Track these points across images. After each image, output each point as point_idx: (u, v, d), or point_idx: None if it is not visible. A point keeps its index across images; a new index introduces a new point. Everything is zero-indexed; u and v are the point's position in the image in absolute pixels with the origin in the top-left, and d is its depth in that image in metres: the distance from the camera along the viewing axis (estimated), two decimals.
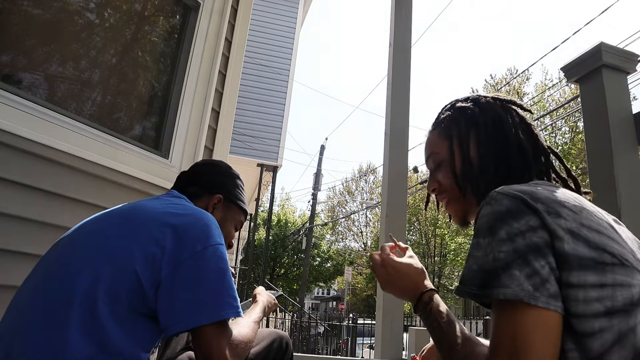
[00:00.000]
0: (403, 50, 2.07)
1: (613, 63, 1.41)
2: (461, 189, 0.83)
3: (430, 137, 0.92)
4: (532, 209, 0.62)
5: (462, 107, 0.88)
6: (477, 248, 0.64)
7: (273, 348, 1.10)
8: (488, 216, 0.64)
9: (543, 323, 0.57)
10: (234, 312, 0.81)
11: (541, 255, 0.59)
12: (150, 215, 0.87)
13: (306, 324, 10.81)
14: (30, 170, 1.56)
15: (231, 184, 1.17)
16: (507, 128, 0.81)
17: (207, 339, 0.78)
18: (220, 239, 0.89)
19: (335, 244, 28.32)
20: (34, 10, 1.80)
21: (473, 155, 0.82)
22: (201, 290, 0.80)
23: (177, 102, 2.28)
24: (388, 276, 0.86)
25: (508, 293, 0.58)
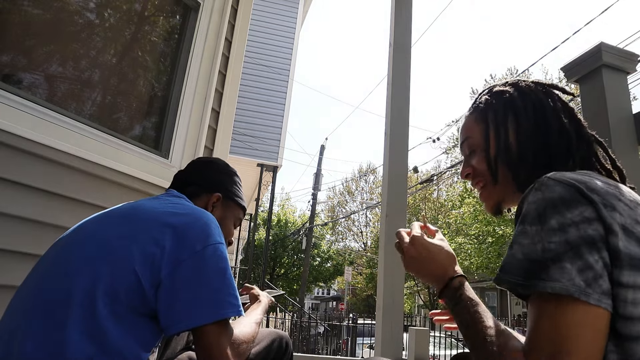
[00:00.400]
0: (403, 50, 2.07)
1: (613, 63, 1.41)
2: (495, 175, 0.80)
3: (465, 122, 0.89)
4: (588, 199, 0.58)
5: (500, 91, 0.84)
6: (523, 235, 0.60)
7: (273, 348, 1.10)
8: (537, 203, 0.60)
9: (592, 321, 0.53)
10: (235, 311, 0.80)
11: (595, 249, 0.55)
12: (150, 215, 0.87)
13: (306, 324, 10.81)
14: (30, 170, 1.56)
15: (229, 181, 1.17)
16: (548, 113, 0.77)
17: (208, 338, 0.78)
18: (220, 237, 0.88)
19: (335, 244, 28.33)
20: (34, 10, 1.80)
21: (511, 141, 0.79)
22: (201, 289, 0.79)
23: (177, 102, 2.28)
24: (418, 255, 0.80)
25: (557, 287, 0.54)
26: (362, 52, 76.02)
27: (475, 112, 0.86)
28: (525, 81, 0.84)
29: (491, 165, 0.80)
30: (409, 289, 21.24)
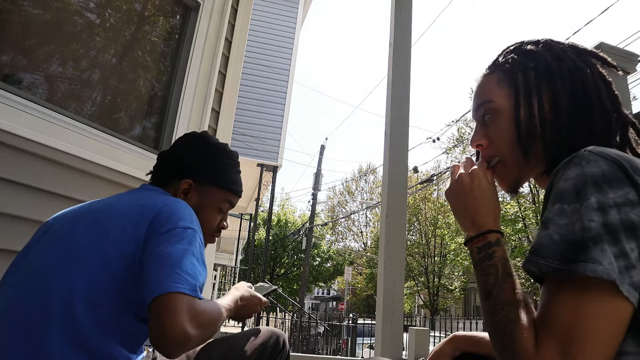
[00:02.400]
0: (403, 50, 2.07)
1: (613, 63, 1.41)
2: (526, 150, 0.69)
3: (484, 82, 0.76)
4: (632, 180, 0.52)
5: (532, 52, 0.72)
6: (560, 215, 0.53)
7: (269, 345, 1.06)
8: (576, 179, 0.53)
9: (616, 313, 0.48)
10: (190, 289, 0.74)
11: (634, 237, 0.50)
12: (120, 211, 0.86)
13: (306, 324, 10.81)
14: (30, 170, 1.56)
15: (209, 162, 1.06)
16: (588, 87, 0.67)
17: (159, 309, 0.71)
18: (191, 223, 0.84)
19: (335, 244, 28.35)
20: (34, 10, 1.80)
21: (547, 113, 0.68)
22: (160, 267, 0.75)
23: (177, 102, 2.28)
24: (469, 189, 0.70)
25: (599, 270, 0.48)
26: (362, 52, 76.09)
27: (499, 72, 0.74)
28: (560, 43, 0.73)
29: (522, 141, 0.69)
30: (409, 289, 21.24)
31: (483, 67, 0.78)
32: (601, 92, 0.68)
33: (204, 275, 0.81)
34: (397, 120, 1.95)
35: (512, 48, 0.77)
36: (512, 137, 0.70)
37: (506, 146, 0.71)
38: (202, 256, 0.83)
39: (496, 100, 0.72)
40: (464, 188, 0.71)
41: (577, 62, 0.70)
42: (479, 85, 0.77)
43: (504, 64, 0.74)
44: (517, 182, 0.74)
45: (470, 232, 0.68)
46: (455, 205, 0.72)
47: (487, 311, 0.59)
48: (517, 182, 0.74)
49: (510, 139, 0.71)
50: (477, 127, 0.77)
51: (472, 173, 0.72)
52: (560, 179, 0.56)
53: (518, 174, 0.73)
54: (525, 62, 0.72)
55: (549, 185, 0.59)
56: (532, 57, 0.72)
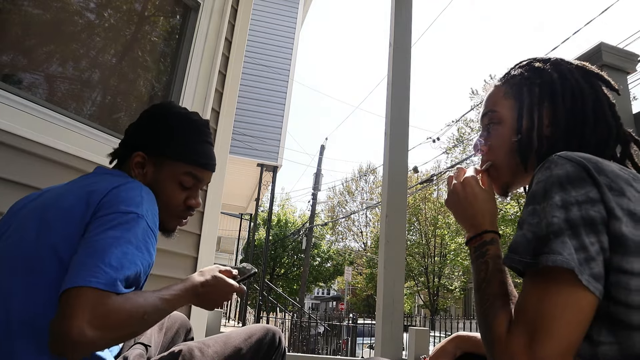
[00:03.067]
0: (403, 50, 2.07)
1: (613, 63, 1.41)
2: (524, 160, 0.75)
3: (494, 93, 0.82)
4: (594, 179, 0.56)
5: (540, 69, 0.77)
6: (532, 215, 0.59)
7: (264, 343, 1.04)
8: (545, 180, 0.59)
9: (579, 303, 0.52)
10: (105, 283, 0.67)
11: (593, 232, 0.54)
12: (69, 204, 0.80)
13: (306, 324, 10.81)
14: (30, 170, 1.56)
15: (162, 130, 0.95)
16: (587, 107, 0.72)
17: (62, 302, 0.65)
18: (137, 207, 0.78)
19: (335, 244, 28.34)
20: (34, 10, 1.80)
21: (545, 128, 0.73)
22: (84, 253, 0.70)
23: (177, 102, 2.28)
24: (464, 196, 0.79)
25: (558, 260, 0.53)
26: (362, 52, 76.12)
27: (507, 85, 0.80)
28: (568, 63, 0.78)
29: (522, 151, 0.75)
30: (409, 289, 21.24)
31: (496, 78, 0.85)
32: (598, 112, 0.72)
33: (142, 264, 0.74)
34: (397, 120, 1.95)
35: (524, 63, 0.82)
36: (510, 145, 0.76)
37: (503, 154, 0.78)
38: (145, 243, 0.76)
39: (500, 111, 0.79)
40: (459, 197, 0.80)
41: (580, 82, 0.74)
42: (489, 94, 0.83)
43: (513, 78, 0.80)
44: (507, 187, 0.81)
45: (470, 234, 0.76)
46: (455, 213, 0.81)
47: (477, 302, 0.65)
48: (507, 187, 0.81)
49: (508, 147, 0.77)
50: (481, 133, 0.84)
51: (464, 182, 0.80)
52: (534, 182, 0.62)
53: (509, 180, 0.80)
54: (532, 77, 0.77)
55: (528, 188, 0.65)
56: (539, 74, 0.77)
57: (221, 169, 2.48)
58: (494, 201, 0.79)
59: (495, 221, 0.76)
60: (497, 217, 0.77)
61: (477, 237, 0.74)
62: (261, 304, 10.17)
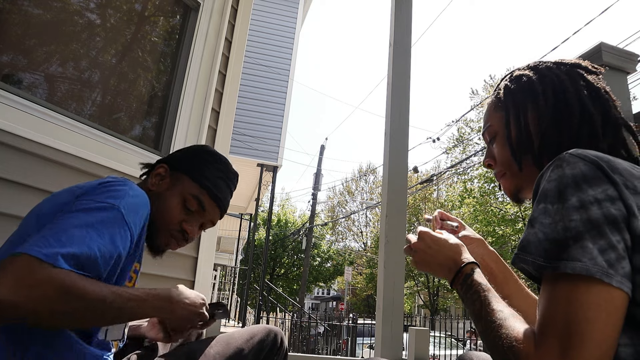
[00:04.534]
0: (403, 50, 2.07)
1: (613, 63, 1.41)
2: (519, 162, 0.77)
3: (487, 109, 0.87)
4: (610, 178, 0.55)
5: (519, 76, 0.81)
6: (544, 214, 0.57)
7: (266, 343, 1.05)
8: (558, 180, 0.57)
9: (612, 304, 0.50)
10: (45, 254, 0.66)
11: (617, 230, 0.52)
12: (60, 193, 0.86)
13: (306, 324, 10.82)
14: (30, 170, 1.56)
15: (188, 156, 1.03)
16: (569, 96, 0.73)
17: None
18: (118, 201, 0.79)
19: (335, 244, 28.34)
20: (34, 10, 1.80)
21: (532, 128, 0.76)
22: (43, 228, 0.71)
23: (177, 102, 2.28)
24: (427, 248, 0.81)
25: (578, 267, 0.50)
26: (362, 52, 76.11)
27: (496, 99, 0.84)
28: (546, 62, 0.80)
29: (515, 154, 0.78)
30: (409, 289, 21.24)
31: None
32: (584, 100, 0.73)
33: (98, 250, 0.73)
34: (397, 120, 1.95)
35: (507, 75, 0.86)
36: (508, 153, 0.80)
37: (506, 162, 0.81)
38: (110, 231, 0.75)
39: (493, 124, 0.84)
40: (422, 250, 0.82)
41: (560, 75, 0.76)
42: (485, 112, 0.88)
43: (499, 91, 0.84)
44: (517, 192, 0.82)
45: (450, 276, 0.76)
46: (429, 267, 0.82)
47: (482, 332, 0.62)
48: (517, 192, 0.82)
49: (507, 155, 0.80)
50: (486, 149, 0.88)
51: (420, 235, 0.83)
52: (544, 181, 0.60)
53: (518, 184, 0.81)
54: (514, 86, 0.81)
55: (535, 187, 0.63)
56: (519, 80, 0.81)
57: None
58: (452, 238, 0.82)
59: (463, 252, 0.78)
60: (464, 247, 0.80)
61: (458, 274, 0.74)
62: (261, 304, 10.17)
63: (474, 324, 0.66)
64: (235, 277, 12.07)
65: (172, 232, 0.99)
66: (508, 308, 0.62)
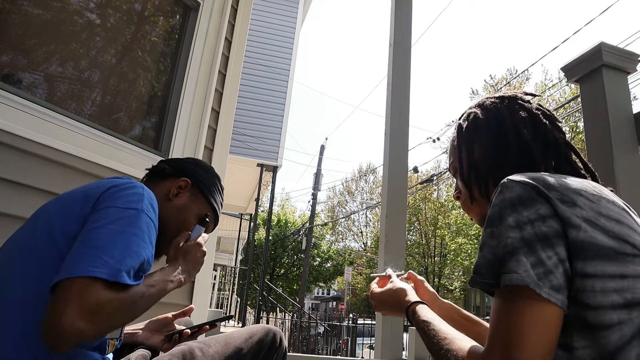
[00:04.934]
0: (403, 50, 2.07)
1: (613, 63, 1.41)
2: (470, 193, 0.84)
3: (449, 146, 0.95)
4: (544, 196, 0.61)
5: (470, 114, 0.88)
6: (491, 237, 0.63)
7: (265, 343, 1.05)
8: (499, 204, 0.63)
9: (543, 316, 0.55)
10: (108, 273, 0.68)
11: (549, 246, 0.57)
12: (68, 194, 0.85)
13: (306, 324, 10.82)
14: (30, 170, 1.56)
15: (206, 176, 1.10)
16: (508, 129, 0.79)
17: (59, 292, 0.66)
18: (136, 203, 0.80)
19: (335, 244, 28.34)
20: (34, 10, 1.80)
21: (478, 160, 0.83)
22: (84, 244, 0.71)
23: (177, 102, 2.27)
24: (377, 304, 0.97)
25: (514, 278, 0.56)
26: (362, 52, 76.11)
27: (454, 136, 0.92)
28: (490, 98, 0.87)
29: (467, 186, 0.85)
30: None
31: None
32: (520, 131, 0.78)
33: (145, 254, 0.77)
34: (397, 120, 1.95)
35: (463, 114, 0.93)
36: (463, 185, 0.87)
37: (464, 194, 0.88)
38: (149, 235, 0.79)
39: (453, 160, 0.90)
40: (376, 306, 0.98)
41: (501, 109, 0.83)
42: (448, 149, 0.96)
43: (456, 129, 0.91)
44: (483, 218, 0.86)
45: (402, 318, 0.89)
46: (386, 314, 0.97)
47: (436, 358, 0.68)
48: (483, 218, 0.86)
49: (464, 188, 0.87)
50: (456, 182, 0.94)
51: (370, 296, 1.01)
52: (490, 207, 0.66)
53: (479, 212, 0.87)
54: (465, 124, 0.88)
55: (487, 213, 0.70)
56: (468, 118, 0.88)
57: (221, 169, 2.48)
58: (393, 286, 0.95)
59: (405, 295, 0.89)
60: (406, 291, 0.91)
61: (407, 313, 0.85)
62: (261, 304, 10.17)
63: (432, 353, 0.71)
64: (235, 277, 12.07)
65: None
66: (453, 331, 0.69)
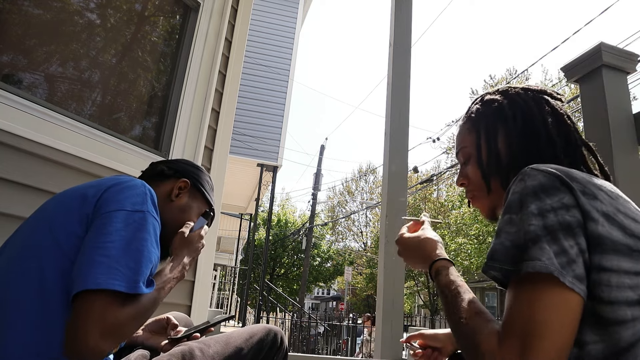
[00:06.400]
0: (403, 50, 2.07)
1: (613, 63, 1.41)
2: (488, 183, 0.82)
3: (460, 131, 0.91)
4: (567, 186, 0.60)
5: (490, 100, 0.86)
6: (509, 224, 0.62)
7: (266, 343, 1.04)
8: (520, 192, 0.62)
9: (566, 304, 0.54)
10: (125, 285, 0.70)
11: (571, 235, 0.57)
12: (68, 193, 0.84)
13: (306, 324, 10.82)
14: (30, 170, 1.56)
15: (201, 176, 1.14)
16: (536, 121, 0.78)
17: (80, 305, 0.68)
18: (141, 205, 0.81)
19: (335, 244, 28.33)
20: (34, 10, 1.80)
21: (501, 149, 0.80)
22: (96, 252, 0.72)
23: (177, 102, 2.28)
24: (403, 250, 0.91)
25: (538, 265, 0.55)
26: (363, 52, 76.09)
27: (468, 122, 0.89)
28: (515, 88, 0.85)
29: (485, 175, 0.83)
30: (409, 289, 21.23)
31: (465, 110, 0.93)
32: (548, 125, 0.78)
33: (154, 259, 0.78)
34: (397, 120, 1.95)
35: (478, 99, 0.90)
36: (479, 174, 0.84)
37: (477, 182, 0.85)
38: (156, 237, 0.80)
39: (467, 145, 0.87)
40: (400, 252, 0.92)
41: (528, 101, 0.81)
42: (457, 133, 0.92)
43: (472, 114, 0.88)
44: (492, 211, 0.86)
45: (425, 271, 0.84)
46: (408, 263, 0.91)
47: (452, 328, 0.67)
48: (492, 211, 0.86)
49: (478, 176, 0.84)
50: (460, 169, 0.91)
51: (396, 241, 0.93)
52: (509, 194, 0.65)
53: (490, 204, 0.85)
54: (485, 110, 0.85)
55: (503, 200, 0.68)
56: (490, 104, 0.85)
57: (221, 169, 2.48)
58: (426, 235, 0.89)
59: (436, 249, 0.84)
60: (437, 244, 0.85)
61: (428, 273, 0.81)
62: (261, 304, 10.17)
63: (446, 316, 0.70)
64: (235, 277, 12.07)
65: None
66: (476, 306, 0.66)
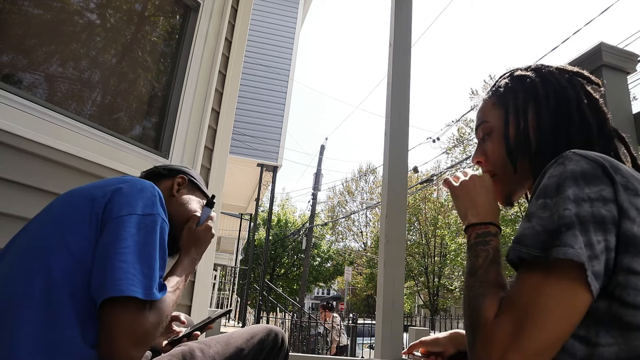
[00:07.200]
0: (403, 50, 2.07)
1: (613, 63, 1.41)
2: (514, 163, 0.76)
3: (483, 105, 0.84)
4: (610, 178, 0.56)
5: (522, 76, 0.80)
6: (543, 208, 0.57)
7: (267, 343, 1.04)
8: (559, 175, 0.58)
9: (572, 297, 0.51)
10: (143, 292, 0.71)
11: (602, 230, 0.53)
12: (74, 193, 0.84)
13: (306, 324, 10.81)
14: (30, 170, 1.56)
15: (194, 173, 1.20)
16: (570, 104, 0.73)
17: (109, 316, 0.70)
18: (151, 208, 0.81)
19: (335, 244, 28.33)
20: (34, 10, 1.80)
21: (531, 131, 0.74)
22: (113, 259, 0.73)
23: (177, 102, 2.28)
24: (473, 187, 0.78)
25: (570, 253, 0.51)
26: (362, 52, 76.10)
27: (494, 96, 0.82)
28: (548, 67, 0.80)
29: (511, 154, 0.76)
30: (409, 289, 21.24)
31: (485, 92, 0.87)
32: (583, 109, 0.73)
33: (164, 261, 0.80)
34: (397, 120, 1.95)
35: (507, 74, 0.84)
36: (504, 152, 0.78)
37: (499, 161, 0.79)
38: (164, 242, 0.81)
39: (491, 120, 0.81)
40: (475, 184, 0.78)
41: (562, 82, 0.76)
42: (479, 108, 0.86)
43: (499, 89, 0.82)
44: (510, 195, 0.81)
45: (473, 220, 0.74)
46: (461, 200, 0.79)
47: (467, 287, 0.65)
48: (510, 195, 0.81)
49: (502, 154, 0.78)
50: (477, 145, 0.85)
51: (483, 176, 0.80)
52: (546, 177, 0.61)
53: (510, 188, 0.80)
54: (515, 85, 0.79)
55: (536, 183, 0.63)
56: (522, 80, 0.79)
57: (221, 169, 2.48)
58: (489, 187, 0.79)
59: (499, 213, 0.77)
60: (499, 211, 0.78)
61: (482, 225, 0.72)
62: (261, 304, 10.17)
63: (466, 274, 0.68)
64: (235, 277, 12.07)
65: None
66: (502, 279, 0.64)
